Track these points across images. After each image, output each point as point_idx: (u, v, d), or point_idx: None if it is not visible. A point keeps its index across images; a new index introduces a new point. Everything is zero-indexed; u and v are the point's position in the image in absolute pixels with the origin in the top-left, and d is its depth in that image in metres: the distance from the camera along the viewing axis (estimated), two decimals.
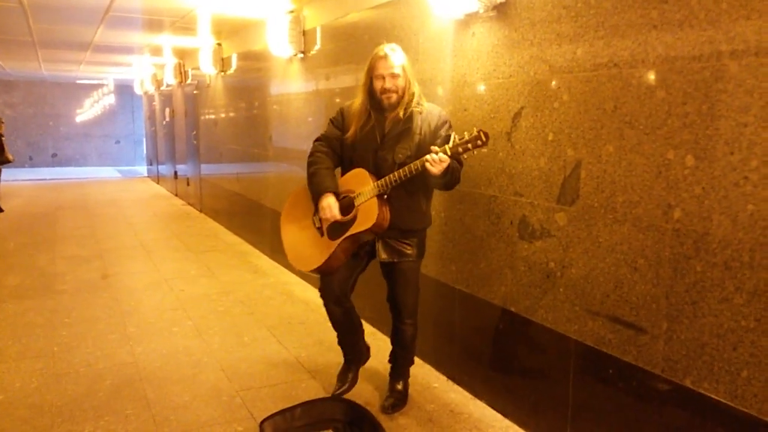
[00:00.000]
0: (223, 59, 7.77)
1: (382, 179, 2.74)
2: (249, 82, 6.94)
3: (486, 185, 3.04)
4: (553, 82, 2.60)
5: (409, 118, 2.82)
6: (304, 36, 5.21)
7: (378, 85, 2.81)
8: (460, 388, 3.39)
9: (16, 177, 14.72)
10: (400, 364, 3.19)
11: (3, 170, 9.16)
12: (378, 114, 2.87)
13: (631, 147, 2.25)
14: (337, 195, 2.89)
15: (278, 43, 5.28)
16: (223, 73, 7.86)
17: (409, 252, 2.93)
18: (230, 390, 3.37)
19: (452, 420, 3.06)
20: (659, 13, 2.13)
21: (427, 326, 3.63)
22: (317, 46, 5.03)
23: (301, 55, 5.29)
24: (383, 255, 2.92)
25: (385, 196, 2.79)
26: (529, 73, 2.73)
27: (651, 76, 2.17)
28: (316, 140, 3.06)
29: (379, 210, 2.75)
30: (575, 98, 2.49)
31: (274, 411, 2.96)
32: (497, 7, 2.90)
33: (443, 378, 3.52)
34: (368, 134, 2.87)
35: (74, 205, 10.46)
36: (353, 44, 4.35)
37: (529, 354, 2.90)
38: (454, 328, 3.41)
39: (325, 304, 3.11)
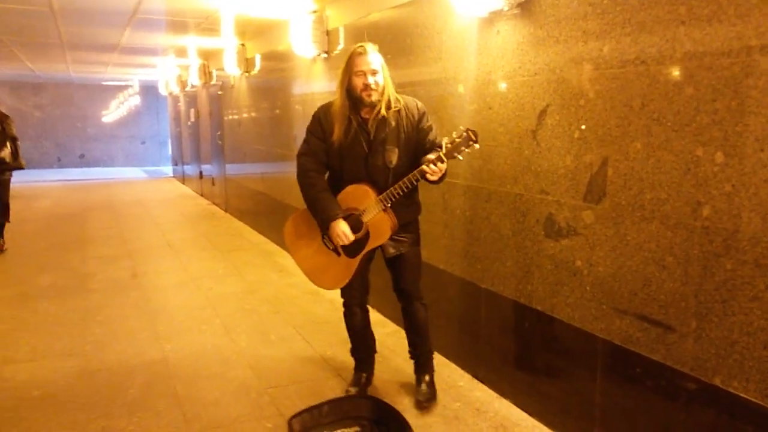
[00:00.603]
0: (247, 60, 7.84)
1: (384, 194, 2.81)
2: (273, 83, 7.00)
3: (512, 183, 3.04)
4: (580, 80, 2.59)
5: (391, 118, 2.86)
6: (328, 36, 5.24)
7: (359, 82, 2.80)
8: (485, 387, 3.39)
9: (44, 178, 15.05)
10: (420, 353, 3.23)
11: (32, 171, 9.33)
12: (357, 117, 2.88)
13: (659, 144, 2.24)
14: (343, 217, 2.92)
15: (302, 43, 5.33)
16: (247, 74, 7.94)
17: (411, 240, 3.04)
18: (258, 387, 3.42)
19: (478, 418, 3.07)
20: (687, 9, 2.11)
21: (452, 325, 3.65)
22: (340, 46, 5.06)
23: (325, 55, 5.32)
24: (391, 250, 3.01)
25: (389, 206, 2.87)
26: (555, 70, 2.73)
27: (679, 73, 2.15)
28: (302, 155, 3.02)
29: (390, 222, 2.87)
30: (602, 95, 2.48)
31: (302, 408, 2.99)
32: (522, 5, 2.89)
33: (468, 376, 3.53)
34: (354, 141, 2.88)
35: (102, 206, 10.65)
36: (376, 43, 4.35)
37: (555, 353, 2.90)
38: (479, 326, 3.42)
39: (349, 308, 3.23)
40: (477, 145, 2.68)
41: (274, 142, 7.03)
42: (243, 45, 7.85)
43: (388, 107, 2.86)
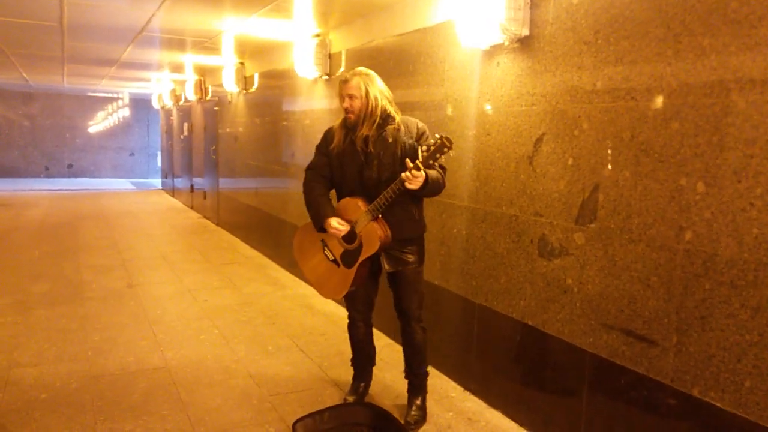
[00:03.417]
0: (245, 78, 8.03)
1: (372, 204, 2.99)
2: (272, 101, 7.19)
3: (508, 205, 3.24)
4: (574, 112, 2.81)
5: (388, 134, 3.05)
6: (330, 59, 5.45)
7: (341, 105, 3.12)
8: (475, 398, 3.56)
9: (32, 187, 15.04)
10: (415, 374, 3.29)
11: (20, 180, 9.39)
12: (351, 133, 3.13)
13: (647, 173, 2.45)
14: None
15: (304, 65, 5.53)
16: (245, 91, 8.12)
17: (410, 260, 3.13)
18: (260, 394, 3.56)
19: (470, 427, 3.23)
20: (674, 52, 2.34)
21: (445, 338, 3.82)
22: (342, 69, 5.27)
23: (326, 77, 5.53)
24: (387, 266, 3.13)
25: (380, 217, 3.02)
26: (551, 102, 2.94)
27: (666, 109, 2.37)
28: (307, 169, 3.34)
29: (380, 232, 3.00)
30: (594, 127, 2.70)
31: (303, 414, 3.13)
32: (521, 40, 3.12)
33: (459, 388, 3.69)
34: (350, 151, 3.12)
35: (93, 216, 10.71)
36: (378, 69, 4.53)
37: (544, 365, 3.08)
38: (472, 340, 3.60)
39: (353, 322, 3.39)
40: (452, 152, 2.85)
41: (271, 158, 7.20)
42: (242, 63, 8.04)
43: (385, 124, 3.06)
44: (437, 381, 3.73)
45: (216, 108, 9.80)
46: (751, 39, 2.08)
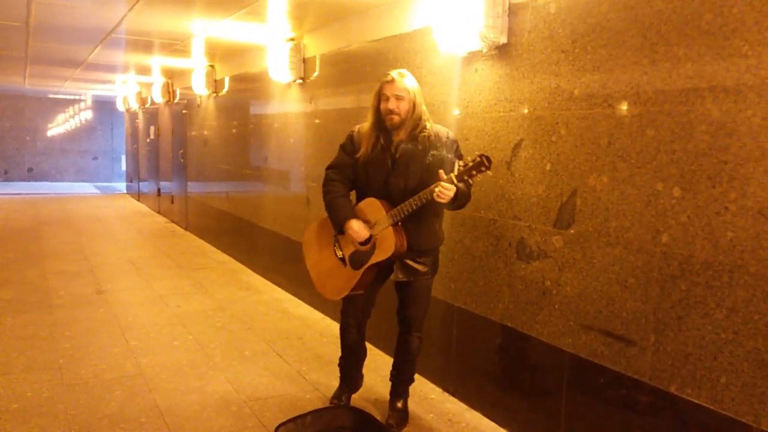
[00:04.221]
0: (216, 81, 7.96)
1: (395, 209, 2.91)
2: (243, 105, 7.15)
3: (486, 209, 3.29)
4: (552, 118, 2.88)
5: (418, 142, 2.98)
6: (304, 63, 5.45)
7: (383, 106, 2.97)
8: (455, 399, 3.60)
9: None
10: (401, 380, 3.31)
11: None
12: (385, 137, 3.03)
13: (624, 178, 2.52)
14: None
15: (278, 70, 5.51)
16: (215, 95, 8.05)
17: (424, 270, 3.07)
18: (238, 400, 3.53)
19: (450, 428, 3.27)
20: (650, 61, 2.42)
21: (424, 340, 3.83)
22: (316, 73, 5.28)
23: (301, 81, 5.52)
24: (400, 275, 3.06)
25: (399, 223, 2.96)
26: (529, 108, 3.01)
27: (642, 117, 2.45)
28: (328, 168, 3.21)
29: (395, 239, 2.92)
30: (572, 133, 2.77)
31: (283, 419, 3.13)
32: (499, 48, 3.18)
33: (439, 390, 3.73)
34: (379, 158, 3.02)
35: (56, 221, 10.46)
36: (354, 73, 4.61)
37: (524, 366, 3.14)
38: (451, 342, 3.64)
39: (346, 326, 3.29)
40: (490, 172, 2.73)
41: (243, 162, 7.16)
42: (212, 66, 7.98)
43: (419, 131, 2.98)
44: (417, 383, 3.73)
45: (184, 111, 9.69)
46: (724, 50, 2.17)
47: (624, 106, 2.53)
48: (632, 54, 2.49)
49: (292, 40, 5.47)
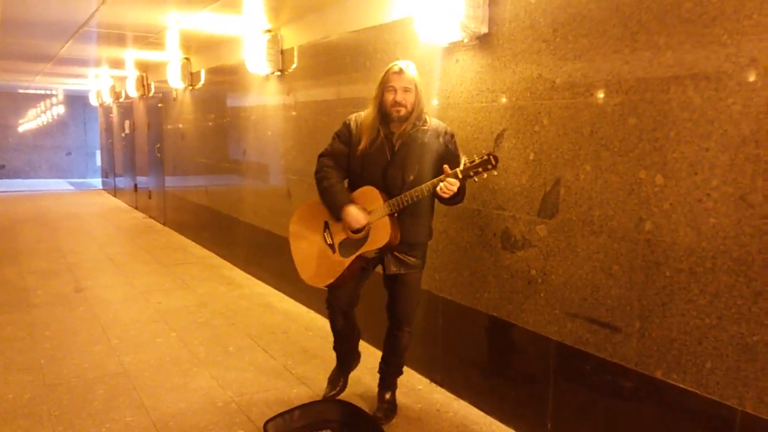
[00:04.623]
0: (192, 74, 7.86)
1: (394, 199, 2.87)
2: (220, 97, 7.06)
3: (470, 200, 3.29)
4: (534, 108, 2.88)
5: (418, 135, 2.95)
6: (282, 55, 5.39)
7: (389, 98, 2.89)
8: (443, 390, 3.62)
9: None
10: (390, 373, 3.31)
11: None
12: (386, 129, 2.98)
13: (607, 167, 2.54)
14: None
15: (255, 62, 5.45)
16: (191, 88, 7.95)
17: (414, 263, 3.05)
18: (224, 396, 3.51)
19: (439, 418, 3.29)
20: (631, 50, 2.43)
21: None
22: (294, 65, 5.23)
23: (279, 73, 5.47)
24: (393, 268, 3.02)
25: (395, 214, 2.93)
26: (511, 98, 3.01)
27: (624, 105, 2.47)
28: (321, 156, 3.14)
29: (391, 229, 2.89)
30: (555, 122, 2.78)
31: (271, 415, 3.12)
32: (480, 38, 3.17)
33: (426, 380, 3.75)
34: (377, 150, 2.97)
35: (31, 218, 10.28)
36: (333, 65, 4.57)
37: (511, 355, 3.16)
38: (437, 333, 3.65)
39: (331, 314, 3.24)
40: (495, 172, 2.73)
41: (221, 156, 7.08)
42: (188, 59, 7.86)
43: (421, 124, 2.95)
44: (404, 374, 3.76)
45: (160, 105, 9.55)
46: (704, 38, 2.18)
47: (606, 95, 2.54)
48: (613, 43, 2.50)
49: (269, 31, 5.41)
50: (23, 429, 3.12)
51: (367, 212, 2.96)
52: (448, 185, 2.73)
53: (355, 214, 2.94)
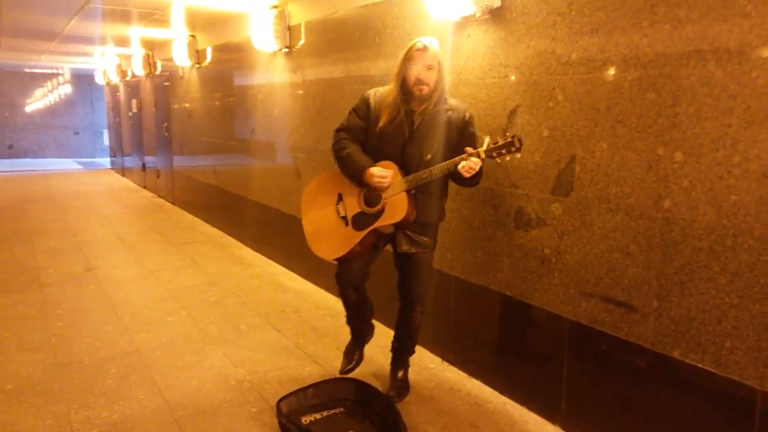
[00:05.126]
0: (198, 51, 7.78)
1: (412, 175, 2.82)
2: (227, 75, 7.00)
3: (483, 178, 3.23)
4: (548, 83, 2.82)
5: (438, 114, 2.88)
6: (290, 31, 5.32)
7: (412, 75, 2.80)
8: (455, 368, 3.61)
9: None
10: (402, 352, 3.29)
11: None
12: (407, 107, 2.90)
13: (624, 144, 2.49)
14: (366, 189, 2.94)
15: (262, 38, 5.38)
16: (198, 65, 7.88)
17: (426, 243, 3.01)
18: (237, 375, 3.52)
19: (452, 396, 3.28)
20: (650, 23, 2.36)
21: None
22: (302, 42, 5.16)
23: (286, 50, 5.40)
24: (405, 246, 2.98)
25: (413, 191, 2.89)
26: (525, 73, 2.95)
27: (642, 80, 2.40)
28: (338, 130, 3.04)
29: (408, 205, 2.84)
30: (569, 98, 2.72)
31: (283, 393, 3.12)
32: (493, 11, 3.10)
33: (438, 359, 3.74)
34: (397, 128, 2.89)
35: (41, 198, 10.31)
36: (342, 41, 4.50)
37: (524, 334, 3.14)
38: (449, 312, 3.63)
39: (342, 289, 3.19)
40: (519, 155, 2.71)
41: (229, 134, 7.04)
42: (194, 36, 7.78)
43: (439, 103, 2.88)
44: (416, 353, 3.75)
45: (167, 83, 9.49)
46: (727, 10, 2.11)
47: (623, 70, 2.48)
48: (631, 16, 2.43)
49: (276, 7, 5.33)
50: (36, 407, 3.14)
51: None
52: (471, 164, 2.68)
53: (378, 173, 2.85)
